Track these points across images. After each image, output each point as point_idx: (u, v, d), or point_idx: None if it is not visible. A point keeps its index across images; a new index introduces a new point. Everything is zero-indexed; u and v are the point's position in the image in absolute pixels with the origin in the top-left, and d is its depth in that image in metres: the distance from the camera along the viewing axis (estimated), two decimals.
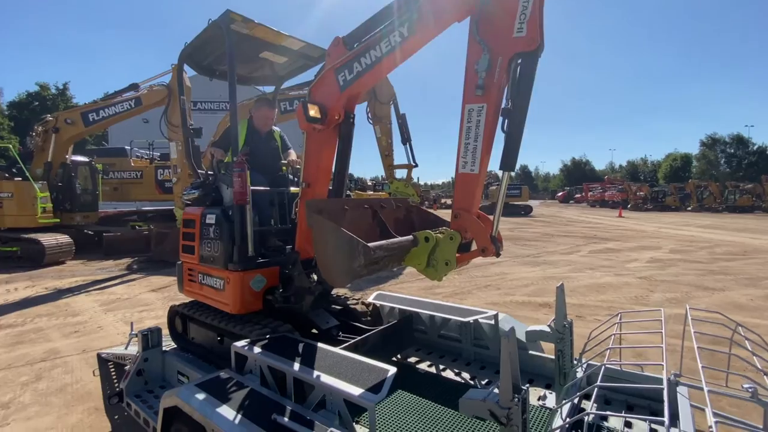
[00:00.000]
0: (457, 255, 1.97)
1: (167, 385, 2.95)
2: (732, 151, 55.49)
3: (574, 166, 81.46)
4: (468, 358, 3.06)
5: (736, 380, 2.17)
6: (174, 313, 3.67)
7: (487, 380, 2.74)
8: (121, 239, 12.33)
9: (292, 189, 3.35)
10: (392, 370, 1.95)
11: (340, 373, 1.96)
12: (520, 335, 2.84)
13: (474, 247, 2.07)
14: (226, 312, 2.81)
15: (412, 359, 3.13)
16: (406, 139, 13.41)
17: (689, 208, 34.37)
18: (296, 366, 2.06)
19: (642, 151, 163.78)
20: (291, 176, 3.76)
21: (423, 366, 3.03)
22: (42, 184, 11.44)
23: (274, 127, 3.92)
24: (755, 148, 53.75)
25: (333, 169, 2.87)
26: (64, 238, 10.89)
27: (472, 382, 2.73)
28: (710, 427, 2.08)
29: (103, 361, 4.16)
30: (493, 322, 2.94)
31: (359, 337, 2.68)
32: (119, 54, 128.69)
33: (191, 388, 2.07)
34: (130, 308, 6.43)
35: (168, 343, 3.87)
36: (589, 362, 2.23)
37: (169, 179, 12.12)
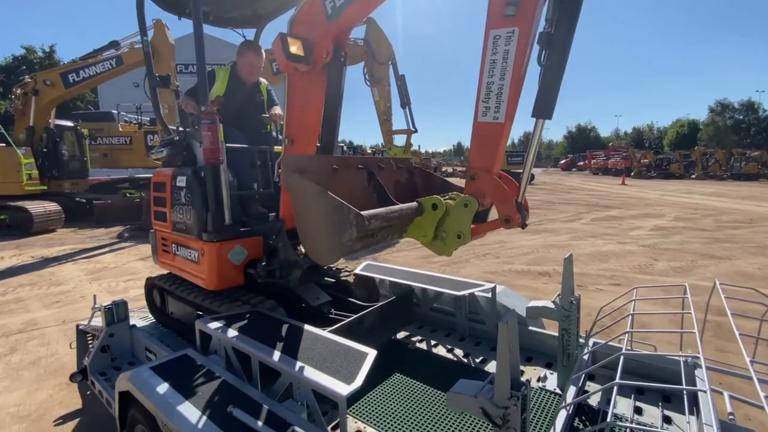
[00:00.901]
0: (472, 226, 1.66)
1: (136, 361, 2.73)
2: (741, 117, 53.95)
3: (578, 132, 79.73)
4: (462, 333, 2.83)
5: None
6: (151, 286, 3.41)
7: (481, 358, 2.51)
8: (112, 207, 12.03)
9: (276, 148, 2.99)
10: (371, 354, 1.69)
11: (311, 357, 1.70)
12: (521, 310, 2.59)
13: (492, 216, 1.75)
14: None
15: (401, 334, 2.89)
16: (405, 103, 12.78)
17: (693, 176, 33.80)
18: (263, 348, 1.80)
19: (649, 118, 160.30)
20: (276, 134, 3.38)
21: (413, 340, 2.79)
22: (25, 149, 11.00)
23: (261, 80, 3.48)
24: (766, 114, 52.19)
25: (321, 121, 2.47)
26: (52, 206, 10.61)
27: (465, 360, 2.50)
28: (730, 414, 1.85)
29: (81, 333, 3.94)
30: (490, 295, 2.68)
31: (354, 316, 2.40)
32: (107, 13, 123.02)
33: (144, 371, 1.82)
34: (116, 277, 6.23)
35: (146, 316, 3.67)
36: (610, 344, 1.97)
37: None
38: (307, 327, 2.05)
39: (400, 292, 3.16)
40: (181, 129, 2.95)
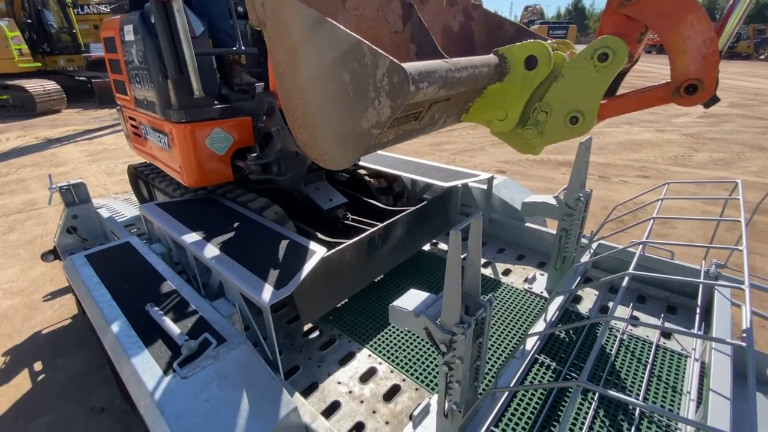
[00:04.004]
0: (604, 100, 0.97)
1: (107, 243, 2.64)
2: None
3: None
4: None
5: None
6: (134, 175, 3.11)
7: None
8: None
9: None
10: (318, 254, 1.42)
11: (251, 254, 1.45)
12: (518, 204, 2.22)
13: (629, 83, 0.99)
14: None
15: None
16: None
17: (762, 57, 28.99)
18: (199, 240, 1.56)
19: None
20: None
21: None
22: (8, 21, 10.11)
23: None
24: None
25: None
26: (51, 85, 10.17)
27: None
28: (743, 332, 1.57)
29: None
30: (486, 186, 2.29)
31: (378, 225, 1.86)
32: None
33: (78, 258, 1.66)
34: (115, 159, 6.11)
35: (128, 197, 3.55)
36: (617, 247, 1.62)
37: None
38: (260, 219, 1.78)
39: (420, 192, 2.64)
40: None
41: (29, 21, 10.72)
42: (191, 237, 1.59)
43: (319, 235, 1.90)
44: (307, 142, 1.00)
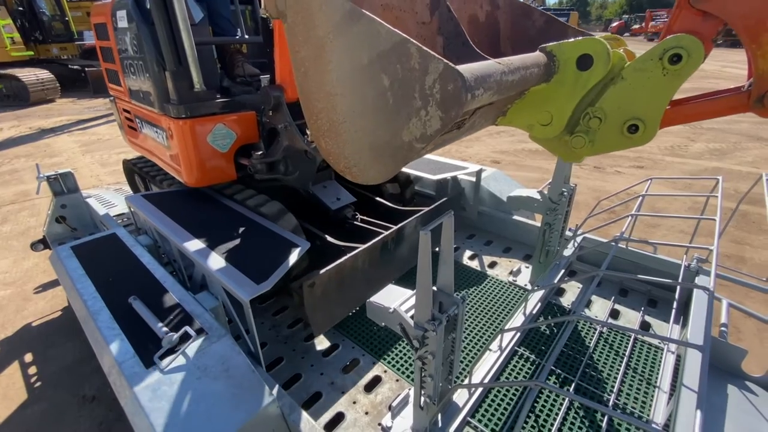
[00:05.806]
0: (669, 106, 0.88)
1: (98, 233, 2.65)
2: None
3: None
4: (465, 224, 2.54)
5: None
6: (129, 170, 3.07)
7: (455, 246, 2.27)
8: None
9: None
10: (302, 248, 1.43)
11: (235, 247, 1.46)
12: (506, 196, 2.23)
13: (689, 87, 0.88)
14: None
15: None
16: None
17: None
18: (183, 233, 1.56)
19: None
20: None
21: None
22: (0, 9, 9.95)
23: None
24: None
25: None
26: (44, 74, 10.06)
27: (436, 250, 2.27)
28: (723, 326, 1.59)
29: None
30: (474, 179, 2.29)
31: (391, 228, 1.77)
32: None
33: (63, 250, 1.67)
34: (109, 149, 6.08)
35: (119, 186, 3.54)
36: (600, 241, 1.64)
37: None
38: (246, 212, 1.78)
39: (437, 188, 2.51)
40: None
41: (21, 8, 10.56)
42: (176, 229, 1.60)
43: (329, 238, 1.81)
44: (332, 152, 0.84)
